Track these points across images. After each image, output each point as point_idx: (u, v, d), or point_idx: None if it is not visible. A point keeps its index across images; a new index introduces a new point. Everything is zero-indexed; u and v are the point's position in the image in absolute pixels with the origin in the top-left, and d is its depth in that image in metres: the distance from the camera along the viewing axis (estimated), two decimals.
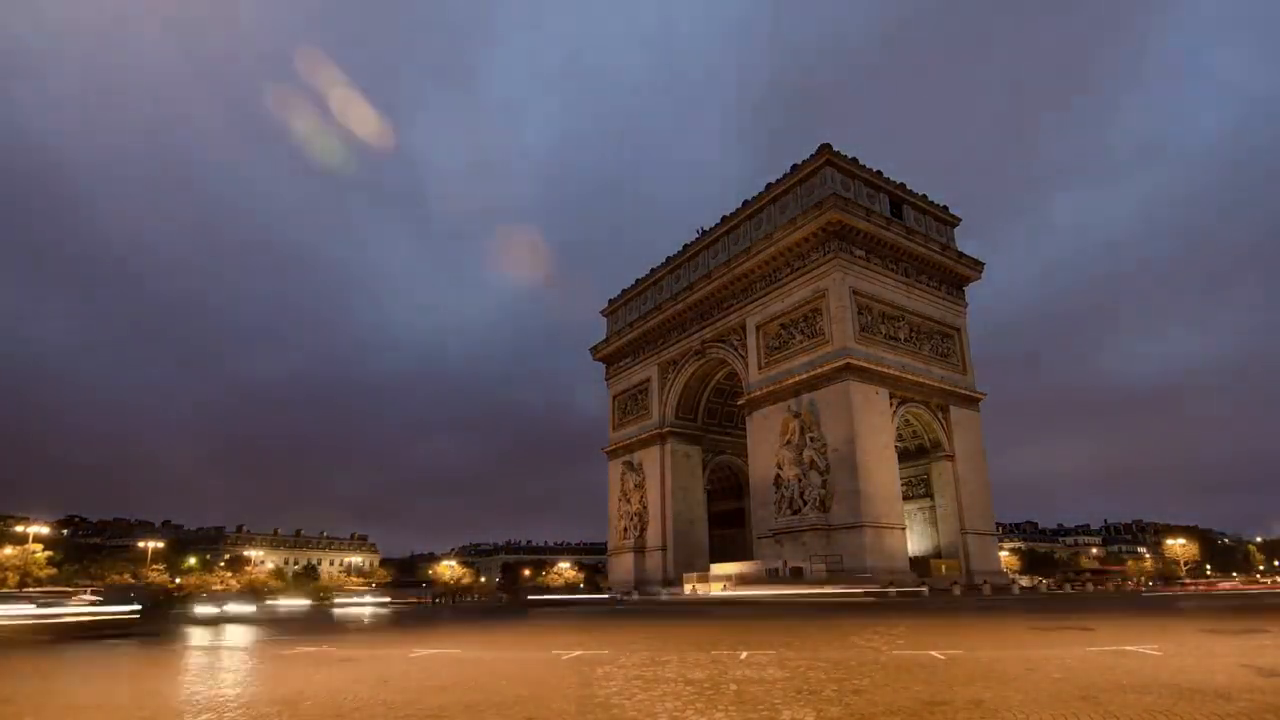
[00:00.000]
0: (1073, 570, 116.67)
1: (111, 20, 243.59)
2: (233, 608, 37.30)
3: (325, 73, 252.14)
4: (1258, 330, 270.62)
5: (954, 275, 66.64)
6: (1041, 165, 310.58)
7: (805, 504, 56.00)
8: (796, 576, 53.47)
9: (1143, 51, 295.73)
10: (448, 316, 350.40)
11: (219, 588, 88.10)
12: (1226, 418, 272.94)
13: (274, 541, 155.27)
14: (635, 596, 64.80)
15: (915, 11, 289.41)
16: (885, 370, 57.28)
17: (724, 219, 72.09)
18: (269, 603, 60.19)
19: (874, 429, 55.18)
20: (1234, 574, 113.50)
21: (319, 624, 30.69)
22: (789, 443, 58.05)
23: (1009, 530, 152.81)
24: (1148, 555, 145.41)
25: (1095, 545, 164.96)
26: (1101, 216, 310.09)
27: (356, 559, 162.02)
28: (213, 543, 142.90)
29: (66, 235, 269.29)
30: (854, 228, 58.80)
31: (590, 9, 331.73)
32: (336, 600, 63.83)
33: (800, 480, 56.54)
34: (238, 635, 22.39)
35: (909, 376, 58.97)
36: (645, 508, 78.09)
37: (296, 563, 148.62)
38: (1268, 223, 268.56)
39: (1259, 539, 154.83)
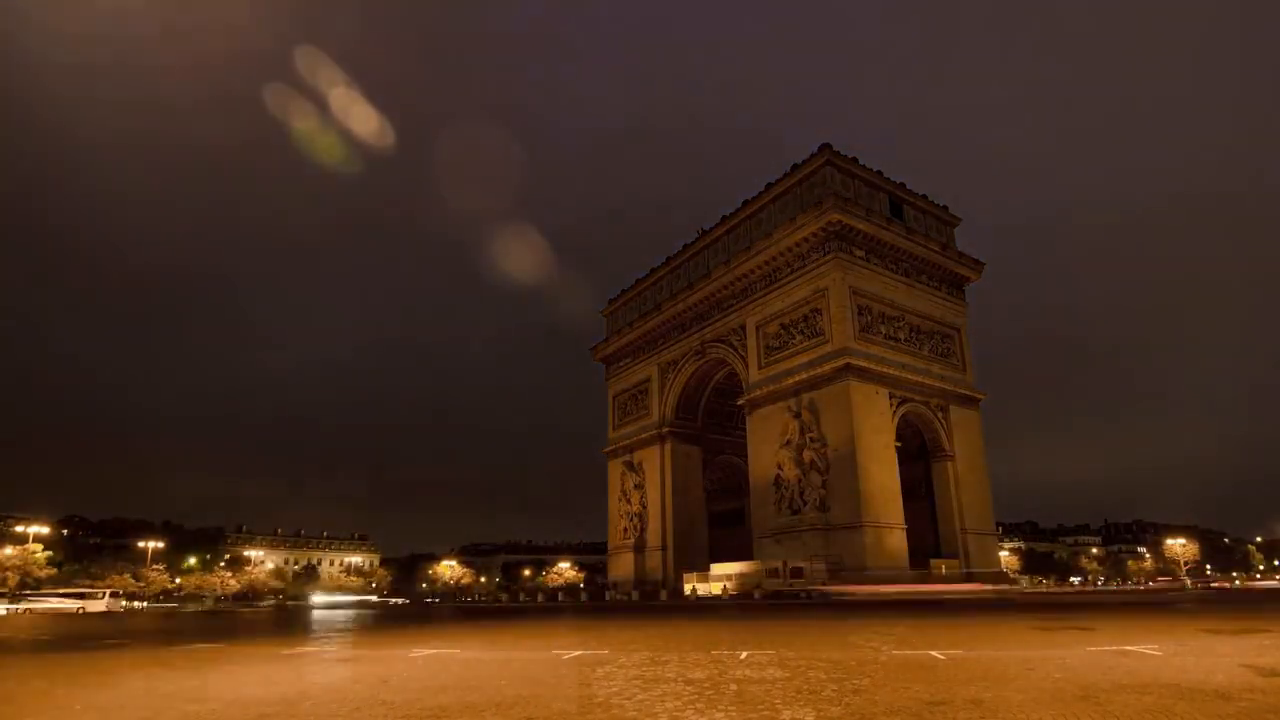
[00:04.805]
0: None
1: None
2: None
3: None
4: None
5: (954, 275, 66.67)
6: None
7: (805, 504, 56.02)
8: (796, 577, 53.45)
9: None
10: None
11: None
12: None
13: (274, 541, 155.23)
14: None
15: None
16: (885, 370, 57.27)
17: (724, 219, 72.04)
18: None
19: (874, 429, 55.19)
20: (1233, 573, 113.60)
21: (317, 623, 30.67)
22: (789, 443, 58.06)
23: (1009, 530, 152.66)
24: (1148, 555, 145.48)
25: (1095, 545, 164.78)
26: None
27: (356, 559, 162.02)
28: (213, 543, 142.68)
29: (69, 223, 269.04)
30: (854, 227, 58.80)
31: None
32: None
33: (800, 480, 56.56)
34: None
35: (909, 376, 58.96)
36: (645, 507, 78.11)
37: (297, 562, 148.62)
38: None
39: (1259, 539, 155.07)
